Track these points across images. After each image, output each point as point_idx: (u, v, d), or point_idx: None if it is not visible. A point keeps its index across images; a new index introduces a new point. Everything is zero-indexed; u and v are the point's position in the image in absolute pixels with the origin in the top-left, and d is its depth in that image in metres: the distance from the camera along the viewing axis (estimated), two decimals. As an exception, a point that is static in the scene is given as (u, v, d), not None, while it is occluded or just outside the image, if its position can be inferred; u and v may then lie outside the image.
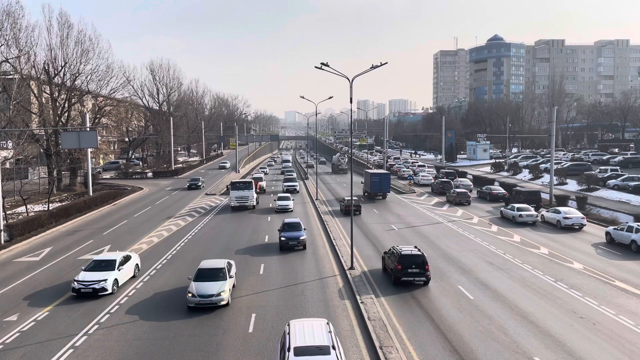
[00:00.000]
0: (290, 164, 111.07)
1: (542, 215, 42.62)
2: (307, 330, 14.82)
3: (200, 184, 68.01)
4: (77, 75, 64.21)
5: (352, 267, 27.81)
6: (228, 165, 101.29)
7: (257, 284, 25.62)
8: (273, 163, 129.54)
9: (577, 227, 39.04)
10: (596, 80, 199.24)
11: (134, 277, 26.53)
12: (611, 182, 59.17)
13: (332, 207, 51.30)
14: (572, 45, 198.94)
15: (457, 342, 18.45)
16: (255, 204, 50.36)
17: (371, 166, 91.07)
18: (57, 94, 63.36)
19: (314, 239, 36.38)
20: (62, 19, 62.18)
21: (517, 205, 42.97)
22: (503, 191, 54.63)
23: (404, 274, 24.26)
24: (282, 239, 32.50)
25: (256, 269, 28.31)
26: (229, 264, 24.72)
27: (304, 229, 34.10)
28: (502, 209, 45.18)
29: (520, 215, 41.44)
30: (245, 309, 21.88)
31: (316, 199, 56.30)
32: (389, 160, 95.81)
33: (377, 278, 26.51)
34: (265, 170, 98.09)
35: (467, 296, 23.51)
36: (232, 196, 49.42)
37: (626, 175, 60.66)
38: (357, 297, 23.00)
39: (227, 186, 52.29)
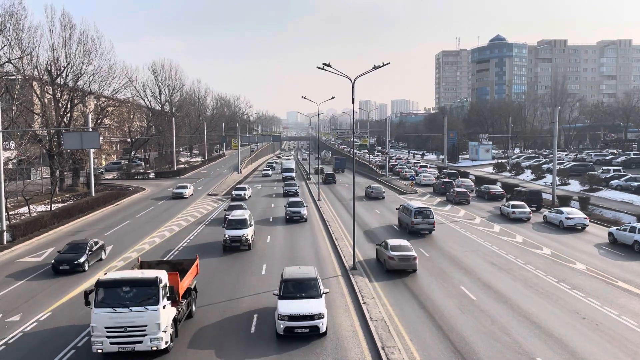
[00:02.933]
0: (294, 174, 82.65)
1: (545, 215, 42.72)
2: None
3: (83, 260, 28.19)
4: (79, 75, 64.50)
5: (354, 268, 27.80)
6: (187, 192, 59.71)
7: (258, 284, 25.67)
8: (270, 172, 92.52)
9: (580, 227, 39.01)
10: (599, 81, 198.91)
11: None
12: (614, 182, 58.97)
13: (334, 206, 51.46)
14: (575, 46, 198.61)
15: (459, 343, 18.43)
16: (166, 343, 17.35)
17: (368, 163, 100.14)
18: (59, 94, 63.61)
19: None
20: (64, 19, 62.61)
21: (512, 203, 45.14)
22: (501, 190, 55.17)
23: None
24: None
25: (258, 270, 28.36)
26: None
27: None
28: (501, 206, 46.65)
29: (514, 212, 43.48)
30: (247, 309, 21.92)
31: (318, 199, 56.48)
32: (390, 160, 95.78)
33: (379, 279, 26.54)
34: (243, 194, 56.99)
35: (470, 297, 23.49)
36: (95, 324, 16.85)
37: (629, 176, 60.36)
38: (360, 297, 23.00)
39: (85, 293, 17.87)
